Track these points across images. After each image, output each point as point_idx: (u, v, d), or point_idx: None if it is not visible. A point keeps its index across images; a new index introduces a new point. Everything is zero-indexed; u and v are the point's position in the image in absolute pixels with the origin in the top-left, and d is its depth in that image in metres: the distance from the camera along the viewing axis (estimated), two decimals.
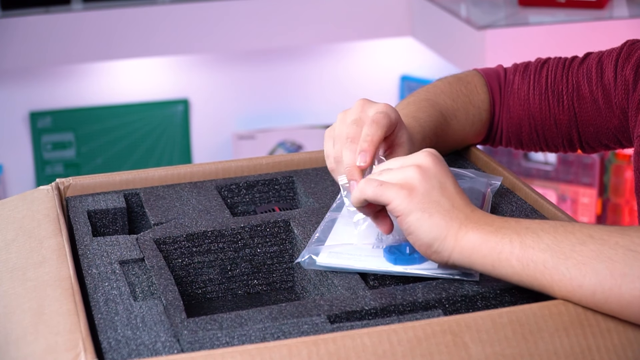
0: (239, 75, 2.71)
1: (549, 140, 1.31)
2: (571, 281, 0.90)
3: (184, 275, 1.11)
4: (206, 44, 2.48)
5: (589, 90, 1.27)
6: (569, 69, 1.29)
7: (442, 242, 0.95)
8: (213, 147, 2.73)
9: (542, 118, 1.30)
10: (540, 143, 1.32)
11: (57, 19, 2.38)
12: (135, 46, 2.44)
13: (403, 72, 2.77)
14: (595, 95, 1.26)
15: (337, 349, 0.85)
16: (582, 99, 1.28)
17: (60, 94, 2.62)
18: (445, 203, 0.96)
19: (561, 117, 1.29)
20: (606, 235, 0.91)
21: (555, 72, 1.30)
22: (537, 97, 1.30)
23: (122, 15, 2.41)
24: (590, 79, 1.27)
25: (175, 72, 2.67)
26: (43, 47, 2.39)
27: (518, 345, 0.87)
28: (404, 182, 0.97)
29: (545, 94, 1.29)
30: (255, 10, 2.47)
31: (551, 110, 1.29)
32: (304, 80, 2.75)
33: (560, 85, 1.29)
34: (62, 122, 2.62)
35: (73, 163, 2.66)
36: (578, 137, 1.30)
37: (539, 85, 1.30)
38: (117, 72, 2.63)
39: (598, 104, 1.26)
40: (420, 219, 0.95)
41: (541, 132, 1.31)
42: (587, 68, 1.28)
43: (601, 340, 0.88)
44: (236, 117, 2.74)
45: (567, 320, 0.89)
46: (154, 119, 2.68)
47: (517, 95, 1.31)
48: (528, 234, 0.93)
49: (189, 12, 2.44)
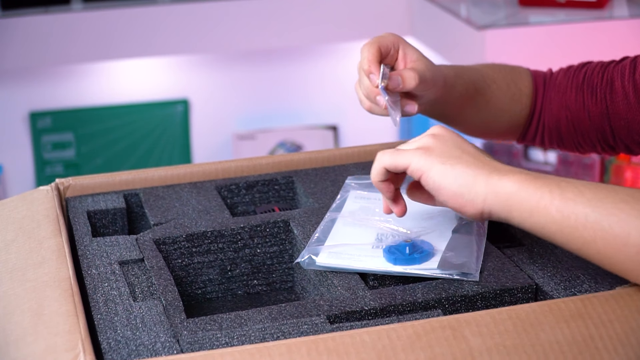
0: (239, 75, 2.71)
1: (585, 134, 1.32)
2: (615, 238, 0.89)
3: (183, 276, 1.11)
4: (206, 44, 2.48)
5: (621, 85, 1.28)
6: (606, 67, 1.32)
7: (472, 188, 0.95)
8: (213, 147, 2.73)
9: (577, 109, 1.31)
10: (577, 137, 1.33)
11: (57, 19, 2.38)
12: (135, 46, 2.44)
13: None
14: (626, 89, 1.27)
15: (336, 346, 0.84)
16: (614, 93, 1.29)
17: (60, 94, 2.62)
18: (467, 157, 0.97)
19: (594, 109, 1.30)
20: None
21: (594, 69, 1.32)
22: (573, 89, 1.32)
23: (122, 15, 2.41)
24: (624, 74, 1.28)
25: (175, 72, 2.67)
26: (43, 47, 2.39)
27: (519, 337, 0.87)
28: (420, 145, 0.98)
29: (581, 87, 1.31)
30: (255, 10, 2.47)
31: (585, 102, 1.31)
32: (304, 80, 2.74)
33: (596, 79, 1.31)
34: (62, 122, 2.62)
35: (73, 163, 2.66)
36: (610, 130, 1.30)
37: (576, 79, 1.32)
38: (117, 72, 2.63)
39: (629, 98, 1.27)
40: (443, 170, 0.95)
41: (577, 124, 1.32)
42: (622, 66, 1.30)
43: (603, 329, 0.88)
44: (236, 117, 2.74)
45: (568, 314, 0.89)
46: (154, 119, 2.68)
47: (557, 88, 1.33)
48: (569, 187, 0.92)
49: (189, 12, 2.44)
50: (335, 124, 2.76)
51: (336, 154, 1.28)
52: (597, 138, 1.32)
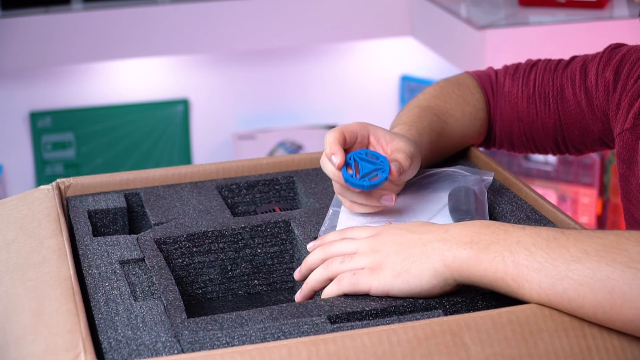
0: (239, 75, 2.71)
1: (538, 143, 1.31)
2: (570, 303, 0.88)
3: (184, 275, 1.11)
4: (206, 44, 2.48)
5: (572, 93, 1.27)
6: (554, 72, 1.29)
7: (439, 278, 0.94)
8: (213, 147, 2.73)
9: (530, 121, 1.30)
10: (530, 146, 1.32)
11: (57, 19, 2.38)
12: (135, 46, 2.44)
13: (403, 72, 2.77)
14: (578, 98, 1.26)
15: (337, 350, 0.85)
16: (565, 102, 1.28)
17: (60, 94, 2.62)
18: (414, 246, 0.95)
19: (547, 121, 1.29)
20: (602, 251, 0.87)
21: (543, 75, 1.30)
22: (525, 100, 1.30)
23: (122, 15, 2.41)
24: (574, 82, 1.27)
25: (175, 72, 2.67)
26: (43, 47, 2.39)
27: (518, 346, 0.87)
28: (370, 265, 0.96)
29: (532, 97, 1.29)
30: (255, 10, 2.47)
31: (538, 114, 1.29)
32: (304, 80, 2.74)
33: (547, 88, 1.29)
34: (62, 122, 2.62)
35: (73, 163, 2.66)
36: (563, 140, 1.30)
37: (527, 89, 1.30)
38: (117, 72, 2.63)
39: (581, 107, 1.27)
40: (404, 281, 0.94)
41: (529, 135, 1.31)
42: (572, 71, 1.28)
43: (601, 341, 0.88)
44: (236, 117, 2.74)
45: (567, 320, 0.89)
46: (154, 119, 2.68)
47: (507, 98, 1.31)
48: (520, 250, 0.90)
49: (189, 12, 2.44)
50: (335, 124, 2.76)
51: None
52: (550, 146, 1.31)
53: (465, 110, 1.29)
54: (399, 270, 0.95)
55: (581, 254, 0.88)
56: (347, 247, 0.99)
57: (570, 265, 0.87)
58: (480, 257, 0.91)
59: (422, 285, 0.94)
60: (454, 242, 0.93)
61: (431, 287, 0.94)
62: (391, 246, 0.97)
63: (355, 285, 0.96)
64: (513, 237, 0.91)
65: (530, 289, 0.89)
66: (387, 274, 0.95)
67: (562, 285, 0.87)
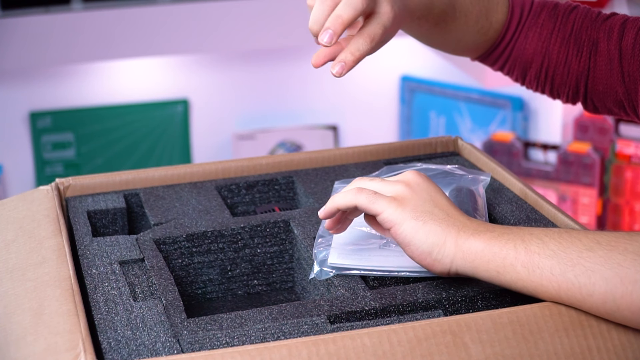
0: (239, 75, 2.71)
1: (557, 85, 1.29)
2: (580, 289, 0.88)
3: (183, 276, 1.11)
4: (206, 44, 2.48)
5: (606, 49, 1.24)
6: (594, 21, 1.26)
7: (441, 248, 0.94)
8: (213, 147, 2.73)
9: (557, 61, 1.27)
10: (545, 85, 1.30)
11: (57, 19, 2.38)
12: (135, 46, 2.44)
13: (403, 72, 2.77)
14: (612, 55, 1.23)
15: (337, 350, 0.85)
16: (598, 55, 1.25)
17: (60, 94, 2.62)
18: (438, 212, 0.96)
19: (574, 67, 1.27)
20: (614, 241, 0.88)
21: (583, 21, 1.27)
22: (559, 39, 1.27)
23: (122, 15, 2.41)
24: (611, 37, 1.24)
25: (175, 72, 2.67)
26: (43, 47, 2.38)
27: (518, 346, 0.87)
28: (394, 194, 0.97)
29: (567, 40, 1.27)
30: (255, 10, 2.47)
31: (568, 57, 1.27)
32: (304, 80, 2.75)
33: (584, 35, 1.26)
34: (62, 122, 2.62)
35: (73, 163, 2.66)
36: (585, 91, 1.27)
37: (564, 29, 1.27)
38: (117, 72, 2.63)
39: (612, 64, 1.24)
40: (415, 227, 0.95)
41: (551, 74, 1.28)
42: (610, 26, 1.25)
43: (601, 341, 0.88)
44: (236, 117, 2.74)
45: (568, 320, 0.89)
46: (154, 119, 2.68)
47: (539, 31, 1.28)
48: (532, 239, 0.92)
49: (189, 12, 2.44)
50: (335, 124, 2.76)
51: (336, 154, 1.28)
52: (567, 92, 1.29)
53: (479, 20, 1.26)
54: (417, 214, 0.95)
55: (593, 244, 0.89)
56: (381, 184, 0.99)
57: (583, 253, 0.89)
58: (492, 242, 0.93)
59: (424, 246, 0.94)
60: (472, 228, 0.95)
61: (427, 253, 0.94)
62: (423, 194, 0.97)
63: (370, 203, 0.96)
64: (525, 230, 0.93)
65: (541, 275, 0.90)
66: (405, 210, 0.95)
67: (573, 272, 0.88)
